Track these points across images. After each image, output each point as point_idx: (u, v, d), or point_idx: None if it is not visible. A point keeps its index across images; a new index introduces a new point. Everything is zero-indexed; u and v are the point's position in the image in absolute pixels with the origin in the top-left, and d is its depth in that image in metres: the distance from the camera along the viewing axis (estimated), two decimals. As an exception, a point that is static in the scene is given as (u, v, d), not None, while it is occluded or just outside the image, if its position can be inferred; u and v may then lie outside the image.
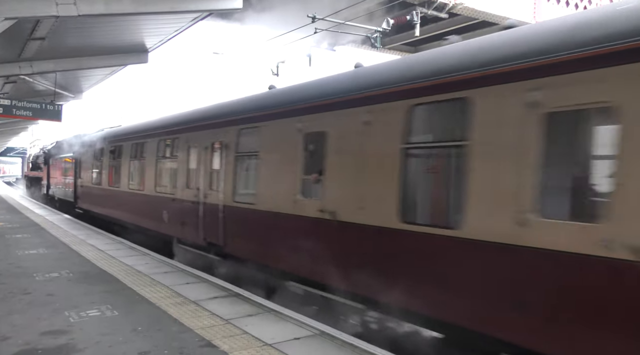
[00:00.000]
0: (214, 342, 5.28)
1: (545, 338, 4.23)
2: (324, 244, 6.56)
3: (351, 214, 6.22)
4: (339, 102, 6.64)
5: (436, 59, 5.72)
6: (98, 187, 16.80)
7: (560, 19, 4.88)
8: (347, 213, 6.28)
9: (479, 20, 16.89)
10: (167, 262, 9.90)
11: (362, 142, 6.15)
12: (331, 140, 6.66)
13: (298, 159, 7.29)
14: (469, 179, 4.88)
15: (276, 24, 17.89)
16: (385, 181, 5.75)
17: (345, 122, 6.47)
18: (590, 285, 3.97)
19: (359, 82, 6.59)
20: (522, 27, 5.28)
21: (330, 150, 6.66)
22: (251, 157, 8.62)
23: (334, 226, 6.45)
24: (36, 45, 12.50)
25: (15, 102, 16.34)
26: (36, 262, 9.51)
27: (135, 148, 13.68)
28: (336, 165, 6.57)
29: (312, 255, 6.67)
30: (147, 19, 11.43)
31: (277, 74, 17.56)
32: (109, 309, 6.46)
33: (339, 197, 6.46)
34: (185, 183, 10.60)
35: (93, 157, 17.53)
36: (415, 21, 14.90)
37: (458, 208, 5.00)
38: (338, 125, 6.60)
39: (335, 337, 5.49)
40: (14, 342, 5.16)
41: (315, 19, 13.98)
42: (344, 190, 6.38)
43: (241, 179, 8.95)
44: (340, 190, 6.47)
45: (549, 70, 4.32)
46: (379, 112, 5.95)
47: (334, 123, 6.67)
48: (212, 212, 9.36)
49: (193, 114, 11.21)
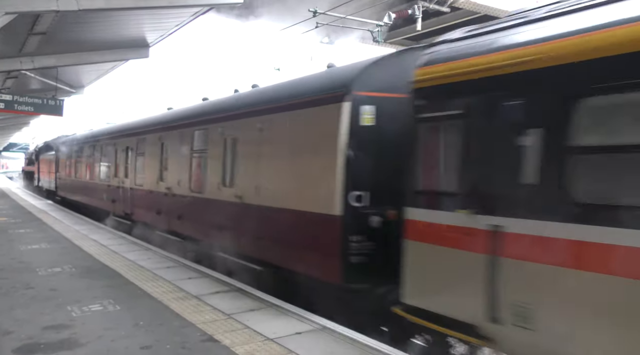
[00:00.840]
0: (215, 337, 5.29)
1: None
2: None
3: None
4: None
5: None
6: (70, 179, 21.89)
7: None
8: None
9: (481, 14, 16.81)
10: (169, 257, 9.92)
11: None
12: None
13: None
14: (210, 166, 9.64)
15: (277, 18, 17.84)
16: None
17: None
18: (235, 215, 8.44)
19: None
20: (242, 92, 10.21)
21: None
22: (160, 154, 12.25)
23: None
24: (37, 40, 12.47)
25: (17, 98, 16.34)
26: (39, 257, 9.55)
27: (87, 150, 19.09)
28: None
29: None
30: (147, 13, 11.39)
31: (279, 69, 17.53)
32: (111, 303, 6.48)
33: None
34: (114, 174, 15.51)
35: (66, 155, 22.69)
36: (417, 15, 14.83)
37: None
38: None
39: (336, 332, 5.51)
40: (17, 337, 5.18)
41: (316, 13, 13.93)
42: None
43: (144, 169, 13.22)
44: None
45: (225, 118, 9.24)
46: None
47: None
48: (125, 193, 14.50)
49: (123, 125, 16.66)
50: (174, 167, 11.26)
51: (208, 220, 9.48)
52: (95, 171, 17.69)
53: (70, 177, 21.83)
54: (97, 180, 17.44)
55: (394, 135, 6.00)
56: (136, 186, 13.58)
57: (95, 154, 17.86)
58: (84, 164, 19.43)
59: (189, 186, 10.44)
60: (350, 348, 5.07)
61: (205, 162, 9.82)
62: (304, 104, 7.07)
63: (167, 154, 11.71)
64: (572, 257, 3.80)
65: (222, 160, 9.13)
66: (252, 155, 8.14)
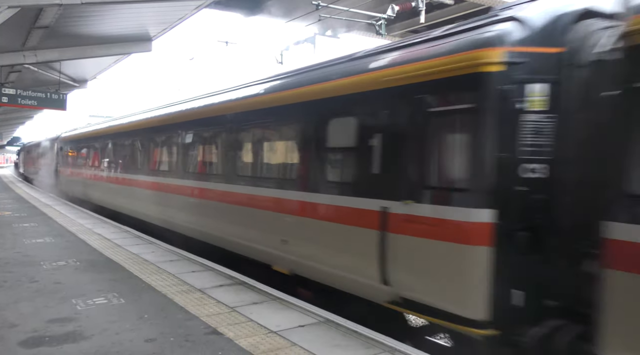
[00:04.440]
0: (219, 330, 5.31)
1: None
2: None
3: None
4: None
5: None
6: (32, 168, 38.38)
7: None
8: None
9: (485, 7, 16.70)
10: (173, 251, 9.94)
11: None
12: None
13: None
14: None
15: (280, 11, 17.75)
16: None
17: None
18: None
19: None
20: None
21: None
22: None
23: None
24: (40, 33, 12.46)
25: (20, 92, 16.35)
26: (43, 251, 9.59)
27: (36, 151, 34.73)
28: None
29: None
30: (150, 7, 11.35)
31: (282, 62, 17.47)
32: (115, 297, 6.50)
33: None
34: (47, 164, 28.53)
35: (28, 153, 41.32)
36: (420, 8, 14.74)
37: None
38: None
39: (340, 325, 5.51)
40: (22, 330, 5.22)
41: (319, 6, 13.86)
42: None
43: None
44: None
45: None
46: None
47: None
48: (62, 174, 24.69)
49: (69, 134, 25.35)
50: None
51: None
52: (43, 164, 31.10)
53: (30, 167, 39.98)
54: (46, 168, 29.50)
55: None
56: (63, 169, 24.67)
57: (42, 153, 31.82)
58: (37, 159, 34.46)
59: None
60: (353, 340, 5.08)
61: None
62: None
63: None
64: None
65: None
66: None
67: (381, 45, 6.92)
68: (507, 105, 4.54)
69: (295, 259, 7.04)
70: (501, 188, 4.55)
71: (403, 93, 5.47)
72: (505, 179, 4.55)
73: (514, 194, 4.54)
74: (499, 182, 4.55)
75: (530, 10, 4.76)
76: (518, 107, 4.55)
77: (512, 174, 4.54)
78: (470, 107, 4.76)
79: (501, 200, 4.53)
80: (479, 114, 4.66)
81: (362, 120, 6.05)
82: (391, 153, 5.58)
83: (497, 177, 4.56)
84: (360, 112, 6.09)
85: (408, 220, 5.22)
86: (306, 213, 6.85)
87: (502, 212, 4.51)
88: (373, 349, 4.88)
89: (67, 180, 22.81)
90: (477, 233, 4.57)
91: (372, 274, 5.63)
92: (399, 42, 6.42)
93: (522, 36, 4.62)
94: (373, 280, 5.64)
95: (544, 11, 4.74)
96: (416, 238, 5.14)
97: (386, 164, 5.62)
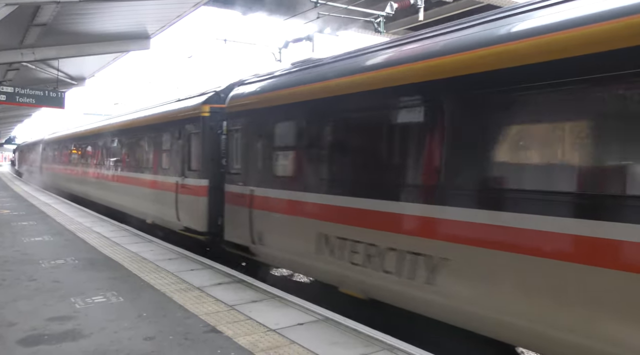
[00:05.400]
0: (218, 328, 5.31)
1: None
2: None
3: None
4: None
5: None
6: (26, 165, 43.85)
7: None
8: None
9: (484, 4, 16.68)
10: (172, 249, 9.95)
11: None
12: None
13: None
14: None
15: (278, 9, 17.69)
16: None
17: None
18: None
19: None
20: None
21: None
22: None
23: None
24: (38, 31, 12.41)
25: (18, 90, 16.26)
26: (42, 249, 9.58)
27: (27, 150, 42.19)
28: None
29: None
30: (148, 4, 11.31)
31: (280, 59, 17.42)
32: (114, 295, 6.50)
33: None
34: (35, 161, 35.48)
35: (22, 152, 48.06)
36: (419, 5, 14.70)
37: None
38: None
39: (339, 323, 5.52)
40: (21, 328, 5.21)
41: (317, 3, 13.83)
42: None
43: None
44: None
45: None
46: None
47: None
48: (45, 170, 31.65)
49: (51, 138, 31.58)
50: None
51: None
52: (31, 160, 38.86)
53: (23, 163, 46.98)
54: (34, 164, 36.51)
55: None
56: (48, 164, 30.51)
57: (31, 152, 39.15)
58: (29, 157, 41.28)
59: None
60: (352, 338, 5.09)
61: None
62: None
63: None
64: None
65: None
66: None
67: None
68: (213, 131, 9.98)
69: (144, 210, 13.25)
70: (211, 170, 9.94)
71: (178, 122, 11.33)
72: (213, 166, 9.89)
73: (216, 172, 9.78)
74: (211, 168, 9.95)
75: (221, 88, 10.40)
76: (218, 132, 9.88)
77: (216, 163, 9.83)
78: (199, 131, 10.33)
79: (211, 175, 9.90)
80: (202, 135, 10.20)
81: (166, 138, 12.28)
82: (176, 153, 11.35)
83: (210, 165, 9.96)
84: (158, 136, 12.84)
85: (183, 186, 10.77)
86: (147, 185, 13.06)
87: (211, 181, 9.89)
88: (372, 346, 4.88)
89: (47, 174, 30.65)
90: (202, 191, 10.02)
91: (173, 215, 11.14)
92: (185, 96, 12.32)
93: (217, 99, 10.18)
94: (174, 219, 11.11)
95: (226, 87, 10.22)
96: (185, 195, 10.65)
97: (174, 159, 11.47)
